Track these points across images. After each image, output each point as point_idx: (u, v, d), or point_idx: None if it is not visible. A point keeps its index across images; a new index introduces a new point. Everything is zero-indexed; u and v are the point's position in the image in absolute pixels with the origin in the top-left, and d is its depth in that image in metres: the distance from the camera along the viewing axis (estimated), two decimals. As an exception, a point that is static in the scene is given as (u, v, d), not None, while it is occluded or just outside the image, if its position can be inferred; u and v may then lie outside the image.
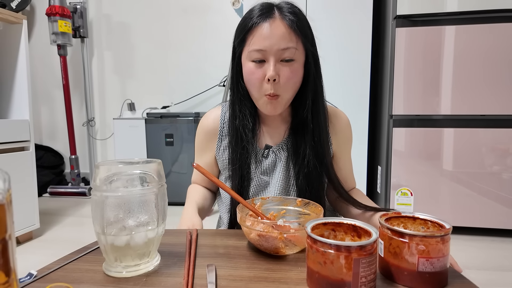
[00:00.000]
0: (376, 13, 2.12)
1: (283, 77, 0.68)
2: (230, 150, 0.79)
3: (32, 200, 1.72)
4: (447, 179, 1.78)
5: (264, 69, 0.68)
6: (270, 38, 0.66)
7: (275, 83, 0.68)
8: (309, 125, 0.75)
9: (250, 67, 0.69)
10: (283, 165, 0.78)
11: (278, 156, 0.79)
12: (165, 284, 0.45)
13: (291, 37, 0.67)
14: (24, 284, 0.45)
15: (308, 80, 0.73)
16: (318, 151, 0.76)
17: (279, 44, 0.66)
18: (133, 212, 0.48)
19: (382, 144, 1.98)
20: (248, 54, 0.69)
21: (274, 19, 0.67)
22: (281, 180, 0.78)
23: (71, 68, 2.89)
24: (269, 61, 0.67)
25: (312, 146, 0.75)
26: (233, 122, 0.77)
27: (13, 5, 2.60)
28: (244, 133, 0.76)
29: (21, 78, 1.70)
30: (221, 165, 0.83)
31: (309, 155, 0.75)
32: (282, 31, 0.67)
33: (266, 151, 0.79)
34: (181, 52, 2.81)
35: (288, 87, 0.70)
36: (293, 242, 0.53)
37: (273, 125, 0.81)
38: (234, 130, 0.77)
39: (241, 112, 0.77)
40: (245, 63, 0.71)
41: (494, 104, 1.69)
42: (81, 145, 2.96)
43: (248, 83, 0.72)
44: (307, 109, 0.74)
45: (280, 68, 0.68)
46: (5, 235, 0.26)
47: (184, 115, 2.39)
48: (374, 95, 2.21)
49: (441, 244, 0.42)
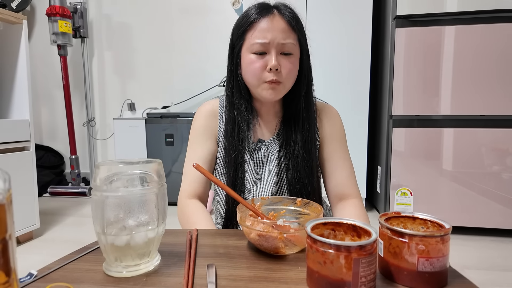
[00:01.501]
0: (376, 13, 2.12)
1: (284, 68, 0.72)
2: (225, 141, 0.80)
3: (32, 200, 1.72)
4: (447, 179, 1.78)
5: (266, 60, 0.72)
6: (271, 31, 0.71)
7: (277, 72, 0.72)
8: (301, 115, 0.78)
9: (251, 58, 0.72)
10: (275, 159, 0.80)
11: (270, 150, 0.81)
12: (165, 284, 0.45)
13: (289, 32, 0.72)
14: (24, 284, 0.45)
15: (301, 74, 0.77)
16: (306, 140, 0.78)
17: (280, 37, 0.71)
18: (133, 212, 0.48)
19: (382, 144, 1.98)
20: (249, 47, 0.72)
21: (273, 15, 0.72)
22: (273, 173, 0.79)
23: (71, 68, 2.89)
24: (271, 53, 0.71)
25: (302, 135, 0.78)
26: (231, 113, 0.79)
27: (13, 5, 2.60)
28: (241, 125, 0.78)
29: (21, 78, 1.70)
30: (220, 154, 0.83)
31: (298, 144, 0.78)
32: (282, 26, 0.71)
33: (258, 144, 0.81)
34: (181, 52, 2.81)
35: (289, 77, 0.74)
36: (293, 242, 0.53)
37: (267, 119, 0.83)
38: (231, 121, 0.79)
39: (238, 106, 0.79)
40: (245, 55, 0.74)
41: (494, 104, 1.69)
42: (81, 145, 2.96)
43: (248, 72, 0.74)
44: (301, 101, 0.78)
45: (280, 59, 0.72)
46: (5, 235, 0.26)
47: (184, 115, 2.39)
48: (374, 95, 2.21)
49: (440, 244, 0.43)
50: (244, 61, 0.74)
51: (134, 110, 2.69)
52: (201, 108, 0.85)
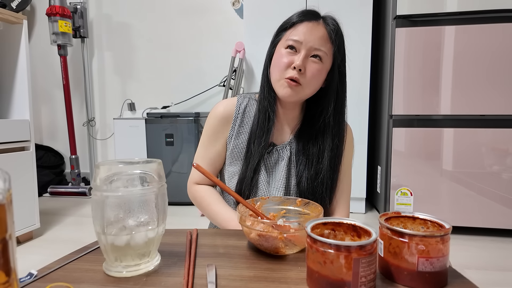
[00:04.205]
0: (376, 13, 2.12)
1: (308, 71, 0.73)
2: (250, 135, 0.80)
3: (33, 200, 1.72)
4: (447, 179, 1.78)
5: (293, 58, 0.73)
6: (309, 34, 0.73)
7: (300, 72, 0.72)
8: (331, 130, 0.79)
9: (282, 52, 0.74)
10: (285, 164, 0.80)
11: (281, 155, 0.81)
12: (165, 284, 0.45)
13: (326, 42, 0.74)
14: (24, 284, 0.45)
15: (329, 87, 0.78)
16: (334, 157, 0.79)
17: (314, 42, 0.72)
18: (133, 212, 0.48)
19: (382, 144, 1.98)
20: (284, 42, 0.75)
21: (318, 22, 0.74)
22: (282, 177, 0.79)
23: (71, 68, 2.89)
24: (300, 52, 0.73)
25: (330, 151, 0.79)
26: (262, 105, 0.80)
27: (14, 5, 2.60)
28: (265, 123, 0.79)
29: (21, 78, 1.70)
30: (229, 153, 0.83)
31: (325, 160, 0.78)
32: (321, 34, 0.73)
33: (270, 147, 0.81)
34: (182, 52, 2.81)
35: (309, 81, 0.74)
36: (293, 242, 0.53)
37: (284, 121, 0.83)
38: (262, 111, 0.79)
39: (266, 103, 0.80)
40: (278, 49, 0.76)
41: (494, 104, 1.69)
42: (81, 145, 2.95)
43: (274, 65, 0.76)
44: (329, 115, 0.79)
45: (307, 62, 0.73)
46: (5, 235, 0.26)
47: (184, 115, 2.39)
48: (374, 95, 2.21)
49: (440, 244, 0.43)
50: (275, 56, 0.76)
51: (134, 110, 2.69)
52: (216, 110, 0.84)
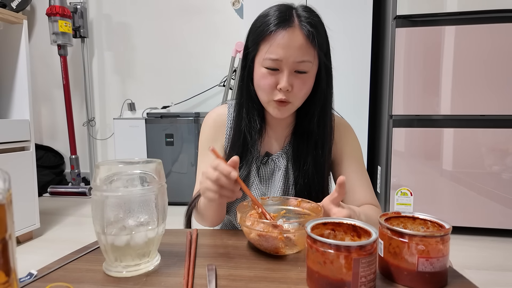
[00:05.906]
0: (376, 13, 2.12)
1: (296, 87, 0.68)
2: (230, 152, 0.76)
3: (32, 200, 1.72)
4: (447, 179, 1.78)
5: (277, 77, 0.67)
6: (287, 49, 0.65)
7: (287, 92, 0.68)
8: (314, 134, 0.74)
9: (263, 72, 0.68)
10: (282, 174, 0.77)
11: (277, 165, 0.78)
12: (165, 284, 0.45)
13: (308, 49, 0.66)
14: (24, 283, 0.45)
15: (317, 89, 0.73)
16: (319, 161, 0.75)
17: (296, 56, 0.65)
18: (133, 212, 0.48)
19: (382, 144, 1.98)
20: (262, 61, 0.68)
21: (293, 28, 0.65)
22: (280, 188, 0.77)
23: (71, 68, 2.89)
24: (283, 71, 0.67)
25: (314, 155, 0.75)
26: (238, 125, 0.75)
27: (14, 5, 2.60)
28: (249, 136, 0.75)
29: (21, 78, 1.70)
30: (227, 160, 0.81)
31: (309, 163, 0.74)
32: (299, 43, 0.65)
33: (265, 158, 0.78)
34: (181, 52, 2.81)
35: (299, 96, 0.70)
36: (293, 242, 0.53)
37: (276, 130, 0.80)
38: (238, 132, 0.75)
39: (248, 115, 0.75)
40: (257, 68, 0.70)
41: (494, 104, 1.69)
42: (81, 145, 2.96)
43: (258, 87, 0.71)
44: (315, 118, 0.74)
45: (293, 79, 0.67)
46: (5, 235, 0.26)
47: (184, 115, 2.39)
48: (374, 95, 2.21)
49: (440, 244, 0.43)
50: (256, 74, 0.70)
51: (134, 110, 2.69)
52: (208, 119, 0.82)
